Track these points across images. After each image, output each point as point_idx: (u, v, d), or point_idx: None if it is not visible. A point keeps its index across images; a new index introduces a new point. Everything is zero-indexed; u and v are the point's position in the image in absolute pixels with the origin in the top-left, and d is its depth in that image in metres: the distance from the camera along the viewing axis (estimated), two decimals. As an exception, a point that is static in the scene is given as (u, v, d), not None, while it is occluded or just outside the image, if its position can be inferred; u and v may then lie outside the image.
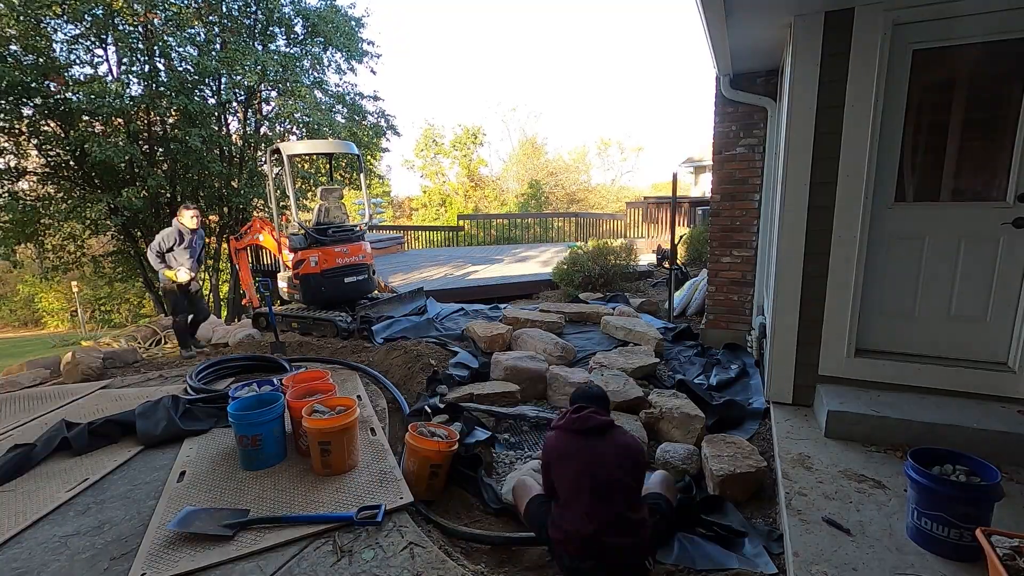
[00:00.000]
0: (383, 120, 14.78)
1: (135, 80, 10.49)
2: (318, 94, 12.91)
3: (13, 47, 9.42)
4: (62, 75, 9.88)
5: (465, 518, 2.80)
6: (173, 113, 10.92)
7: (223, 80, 11.37)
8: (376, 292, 7.17)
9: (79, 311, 17.37)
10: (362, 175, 7.64)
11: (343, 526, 2.42)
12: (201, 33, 11.46)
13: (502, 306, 6.97)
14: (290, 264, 6.22)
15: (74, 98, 9.70)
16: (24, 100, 9.94)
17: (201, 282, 5.39)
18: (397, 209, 32.13)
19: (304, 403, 2.99)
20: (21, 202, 10.70)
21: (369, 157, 14.38)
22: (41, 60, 9.66)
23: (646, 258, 10.60)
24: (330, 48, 13.50)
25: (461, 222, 19.33)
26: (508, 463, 3.42)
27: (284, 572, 2.16)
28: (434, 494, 2.88)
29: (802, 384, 3.37)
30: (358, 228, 6.78)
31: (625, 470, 2.23)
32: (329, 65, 13.86)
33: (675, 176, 6.67)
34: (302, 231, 6.23)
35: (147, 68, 10.62)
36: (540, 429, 3.85)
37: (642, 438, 3.39)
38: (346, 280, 6.34)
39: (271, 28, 12.75)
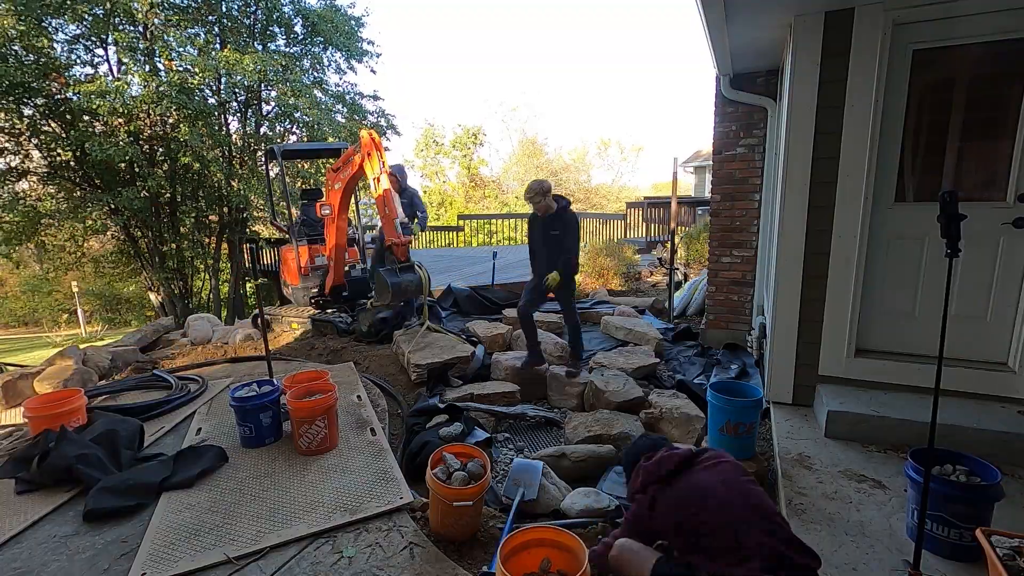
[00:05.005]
0: (383, 120, 14.78)
1: (135, 80, 10.50)
2: (318, 94, 12.90)
3: (15, 47, 9.42)
4: (62, 75, 9.89)
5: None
6: (173, 113, 10.92)
7: (223, 80, 11.37)
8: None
9: (79, 311, 17.36)
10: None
11: (343, 526, 2.42)
12: (201, 33, 11.46)
13: (502, 306, 6.95)
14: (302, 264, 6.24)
15: (74, 98, 9.70)
16: (25, 100, 9.95)
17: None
18: (397, 209, 32.02)
19: (304, 403, 3.03)
20: (22, 202, 10.71)
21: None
22: (42, 60, 9.67)
23: (646, 259, 10.59)
24: (330, 48, 13.51)
25: (461, 222, 19.30)
26: (507, 462, 3.43)
27: (284, 572, 2.16)
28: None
29: (802, 384, 3.37)
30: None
31: None
32: (329, 65, 13.87)
33: (675, 176, 6.66)
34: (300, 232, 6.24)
35: (147, 68, 10.62)
36: (539, 428, 3.86)
37: (642, 438, 3.39)
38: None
39: (271, 28, 12.76)
